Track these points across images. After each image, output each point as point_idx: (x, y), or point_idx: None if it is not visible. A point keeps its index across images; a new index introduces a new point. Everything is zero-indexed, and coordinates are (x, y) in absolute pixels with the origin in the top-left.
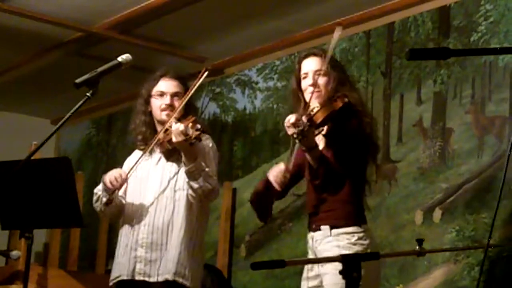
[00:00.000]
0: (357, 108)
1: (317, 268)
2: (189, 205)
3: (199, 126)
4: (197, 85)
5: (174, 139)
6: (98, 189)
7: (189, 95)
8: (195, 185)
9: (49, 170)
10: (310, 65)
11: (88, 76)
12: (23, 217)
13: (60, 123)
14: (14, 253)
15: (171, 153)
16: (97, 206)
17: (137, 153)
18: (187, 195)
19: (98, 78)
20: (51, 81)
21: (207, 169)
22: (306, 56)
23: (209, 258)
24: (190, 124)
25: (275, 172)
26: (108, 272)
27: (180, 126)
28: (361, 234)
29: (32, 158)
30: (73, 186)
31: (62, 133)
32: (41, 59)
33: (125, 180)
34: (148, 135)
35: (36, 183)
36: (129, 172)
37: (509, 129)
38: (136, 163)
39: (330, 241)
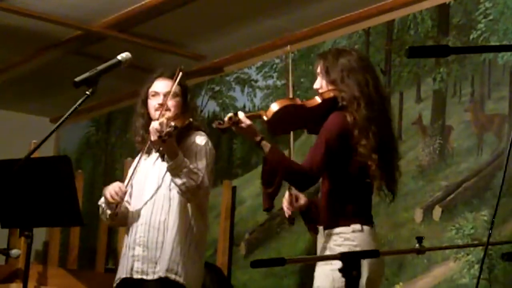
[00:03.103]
0: (344, 104)
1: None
2: (183, 204)
3: (173, 123)
4: (174, 86)
5: (151, 138)
6: (102, 202)
7: (169, 95)
8: (178, 182)
9: (49, 168)
10: None
11: (87, 74)
12: (23, 216)
13: (59, 121)
14: (14, 252)
15: None
16: (103, 218)
17: (138, 157)
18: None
19: (97, 77)
20: (51, 80)
21: (191, 166)
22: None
23: (209, 257)
24: (165, 121)
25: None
26: (108, 270)
27: (155, 124)
28: (348, 235)
29: (32, 156)
30: (73, 185)
31: (62, 132)
32: (40, 57)
33: (125, 193)
34: (146, 137)
35: (36, 181)
36: (128, 182)
37: (508, 127)
38: (135, 168)
39: (321, 243)
